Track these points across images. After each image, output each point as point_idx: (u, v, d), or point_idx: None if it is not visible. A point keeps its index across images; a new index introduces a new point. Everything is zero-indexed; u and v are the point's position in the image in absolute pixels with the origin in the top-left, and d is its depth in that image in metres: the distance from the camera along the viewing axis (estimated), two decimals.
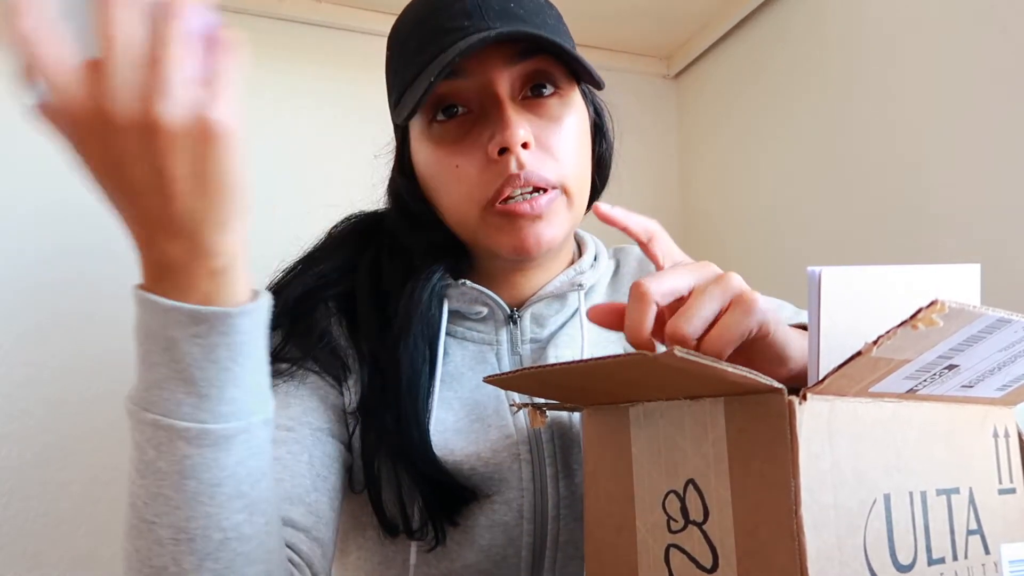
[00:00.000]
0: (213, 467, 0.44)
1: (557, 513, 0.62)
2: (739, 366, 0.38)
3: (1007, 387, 0.47)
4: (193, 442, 0.43)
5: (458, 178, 0.61)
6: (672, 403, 0.45)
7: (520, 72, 0.61)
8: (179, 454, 0.43)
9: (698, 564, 0.43)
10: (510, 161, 0.59)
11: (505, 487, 0.61)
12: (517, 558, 0.61)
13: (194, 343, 0.42)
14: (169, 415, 0.43)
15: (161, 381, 0.43)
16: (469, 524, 0.60)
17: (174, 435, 0.43)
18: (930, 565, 0.43)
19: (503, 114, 0.59)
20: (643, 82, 1.48)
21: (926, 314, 0.35)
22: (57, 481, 1.00)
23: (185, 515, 0.44)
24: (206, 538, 0.45)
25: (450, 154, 0.61)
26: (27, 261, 1.03)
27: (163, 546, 0.45)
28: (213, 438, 0.44)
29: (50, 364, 1.02)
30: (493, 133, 0.59)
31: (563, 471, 0.63)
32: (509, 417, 0.63)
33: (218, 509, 0.45)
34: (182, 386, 0.43)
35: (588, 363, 0.42)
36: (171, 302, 0.42)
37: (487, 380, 0.51)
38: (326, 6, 1.22)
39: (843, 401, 0.41)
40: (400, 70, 0.63)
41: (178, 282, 0.42)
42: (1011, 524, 0.49)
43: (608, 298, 0.73)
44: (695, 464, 0.44)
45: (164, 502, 0.44)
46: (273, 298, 0.64)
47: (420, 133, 0.63)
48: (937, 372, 0.42)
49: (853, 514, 0.40)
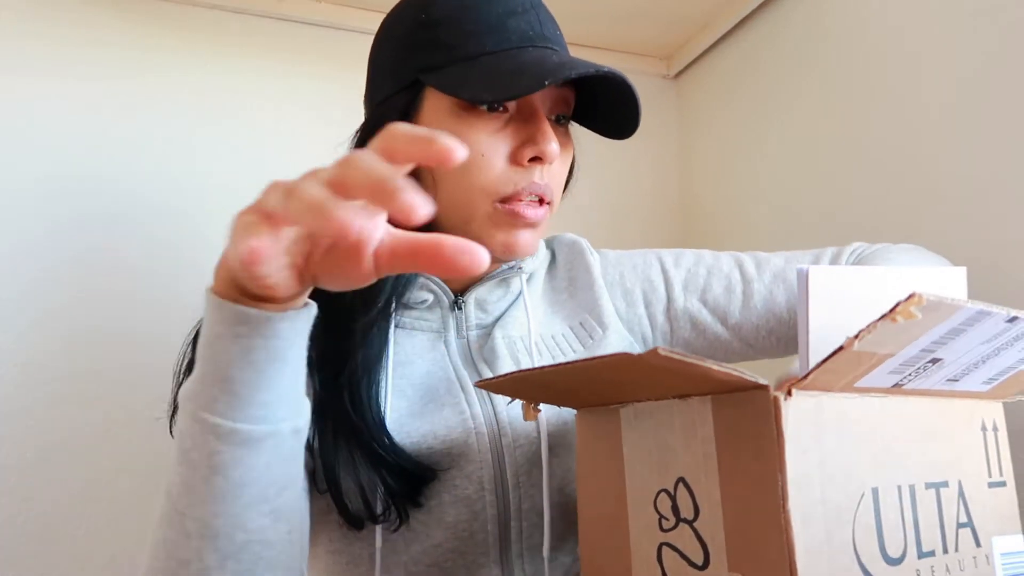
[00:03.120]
0: (240, 466, 0.45)
1: (517, 481, 0.64)
2: (724, 364, 0.39)
3: (993, 380, 0.48)
4: (222, 439, 0.45)
5: (480, 166, 0.62)
6: (661, 403, 0.46)
7: (556, 96, 0.65)
8: (209, 448, 0.45)
9: (690, 561, 0.43)
10: (535, 171, 0.63)
11: (464, 460, 0.62)
12: (484, 533, 0.62)
13: (236, 342, 0.43)
14: (204, 409, 0.45)
15: (203, 375, 0.45)
16: (433, 503, 0.62)
17: (206, 429, 0.45)
18: (920, 558, 0.44)
19: (544, 128, 0.62)
20: (643, 82, 1.48)
21: (904, 307, 0.36)
22: (57, 481, 1.00)
23: (211, 511, 0.46)
24: (229, 537, 0.46)
25: (478, 141, 0.62)
26: (27, 260, 1.03)
27: (189, 539, 0.46)
28: (241, 438, 0.45)
29: (50, 363, 1.02)
30: (526, 141, 0.62)
31: (520, 439, 0.64)
32: (461, 394, 0.65)
33: (242, 510, 0.46)
34: (219, 383, 0.44)
35: (575, 364, 0.42)
36: (222, 300, 0.43)
37: (478, 384, 0.52)
38: (326, 6, 1.23)
39: (829, 397, 0.42)
40: (450, 38, 0.63)
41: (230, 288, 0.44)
42: (1002, 517, 0.50)
43: (547, 285, 0.77)
44: (685, 463, 0.44)
45: (193, 494, 0.46)
46: None
47: (448, 110, 0.63)
48: (921, 366, 0.43)
49: (841, 508, 0.41)
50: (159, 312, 1.07)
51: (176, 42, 1.15)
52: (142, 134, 1.11)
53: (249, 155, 1.16)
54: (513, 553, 0.63)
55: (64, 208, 1.06)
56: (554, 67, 0.59)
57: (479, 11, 0.63)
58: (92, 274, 1.06)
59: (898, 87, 1.03)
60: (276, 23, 1.21)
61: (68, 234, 1.06)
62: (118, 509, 1.02)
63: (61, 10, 1.09)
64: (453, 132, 0.62)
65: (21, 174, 1.05)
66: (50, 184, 1.06)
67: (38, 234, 1.05)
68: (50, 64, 1.08)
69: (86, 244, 1.07)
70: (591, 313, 0.74)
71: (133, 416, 1.04)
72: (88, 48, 1.10)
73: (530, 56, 0.62)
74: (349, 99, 1.23)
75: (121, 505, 1.02)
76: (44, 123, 1.07)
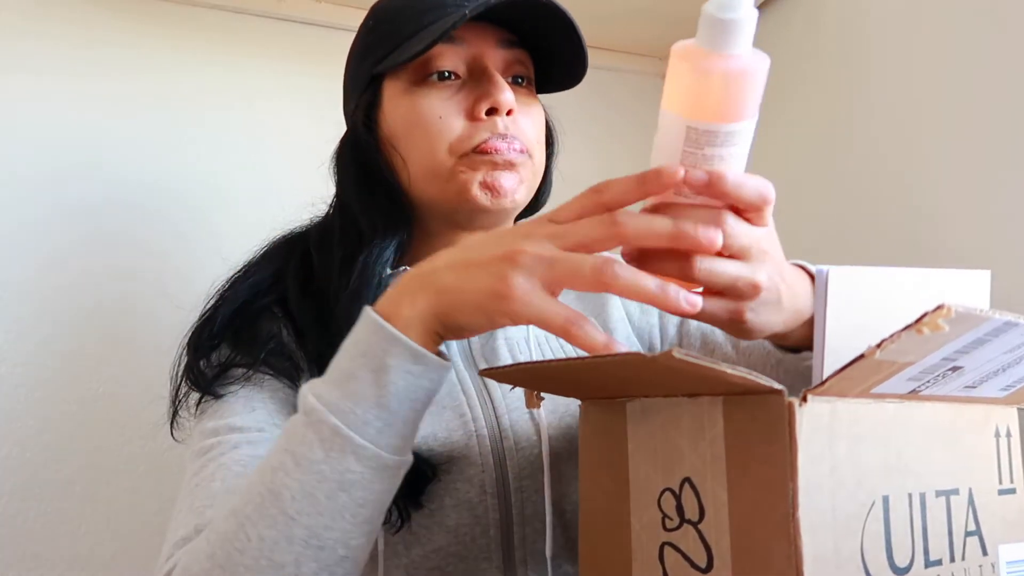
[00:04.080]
0: (367, 489, 0.47)
1: (520, 485, 0.63)
2: (738, 367, 0.37)
3: (1011, 387, 0.47)
4: (364, 461, 0.46)
5: (439, 129, 0.63)
6: (670, 400, 0.45)
7: (508, 57, 0.66)
8: (346, 465, 0.46)
9: (693, 563, 0.42)
10: (496, 122, 0.63)
11: (465, 464, 0.62)
12: (486, 537, 0.61)
13: (405, 377, 0.46)
14: (353, 428, 0.46)
15: (358, 396, 0.46)
16: (435, 507, 0.61)
17: (349, 448, 0.45)
18: (927, 567, 0.43)
19: (495, 79, 0.63)
20: (643, 82, 1.45)
21: (932, 318, 0.34)
22: (57, 481, 0.99)
23: (326, 523, 0.46)
24: (332, 551, 0.46)
25: (433, 107, 0.64)
26: (26, 260, 1.02)
27: (292, 544, 0.46)
28: (381, 464, 0.47)
29: (50, 364, 1.01)
30: (481, 95, 0.63)
31: (521, 443, 0.63)
32: (462, 397, 0.64)
33: (353, 528, 0.47)
34: (375, 409, 0.46)
35: (584, 360, 0.41)
36: (400, 335, 0.45)
37: (483, 373, 0.51)
38: (326, 6, 1.20)
39: (844, 402, 0.40)
40: (392, 30, 0.66)
41: (412, 324, 0.46)
42: (1010, 524, 0.49)
43: None
44: (692, 463, 0.43)
45: (313, 503, 0.46)
46: (211, 315, 0.66)
47: (402, 90, 0.66)
48: (941, 374, 0.41)
49: (851, 517, 0.40)
50: (160, 313, 1.06)
51: (176, 42, 1.12)
52: (142, 134, 1.09)
53: (249, 155, 1.14)
54: (516, 558, 0.62)
55: (64, 208, 1.04)
56: (464, 11, 0.60)
57: (416, 3, 0.65)
58: (92, 274, 1.05)
59: (897, 87, 1.01)
60: (276, 23, 1.19)
61: (69, 234, 1.04)
62: (118, 509, 1.02)
63: (61, 10, 1.06)
64: (410, 108, 0.65)
65: (21, 174, 1.03)
66: (50, 184, 1.04)
67: (38, 234, 1.03)
68: (50, 64, 1.05)
69: (86, 244, 1.05)
70: (597, 316, 0.73)
71: (133, 416, 1.03)
72: (88, 48, 1.07)
73: (459, 11, 0.61)
74: None
75: (121, 505, 1.02)
76: (44, 123, 1.04)
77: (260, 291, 0.67)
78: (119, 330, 1.05)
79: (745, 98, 0.43)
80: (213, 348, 0.64)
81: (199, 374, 0.63)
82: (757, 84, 0.43)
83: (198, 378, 0.62)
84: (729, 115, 0.43)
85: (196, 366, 0.63)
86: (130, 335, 1.05)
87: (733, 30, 0.41)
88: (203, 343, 0.64)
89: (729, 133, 0.43)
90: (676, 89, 0.44)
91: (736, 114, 0.43)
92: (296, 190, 1.08)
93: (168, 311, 1.04)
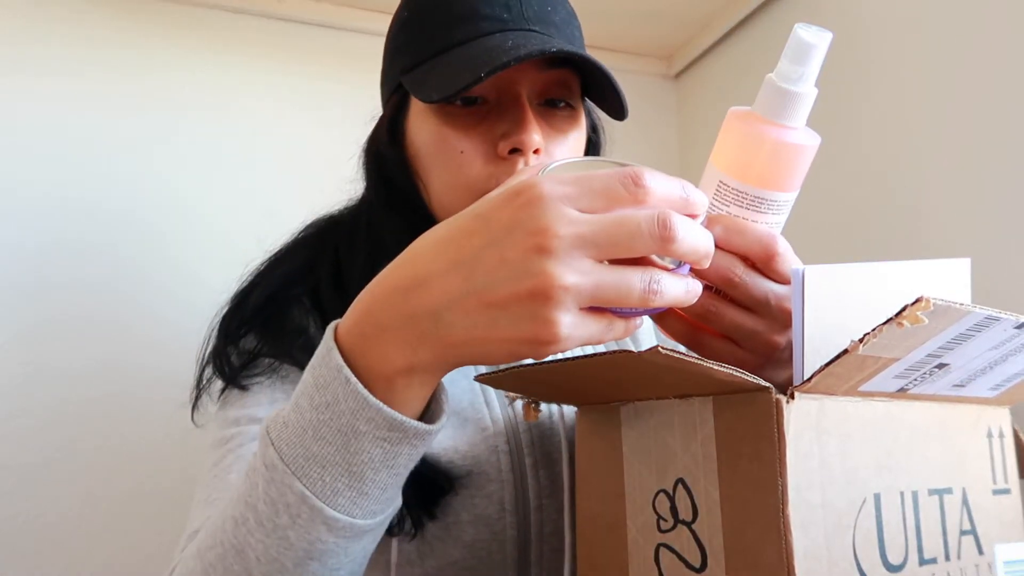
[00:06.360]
0: (341, 554, 0.42)
1: (540, 503, 0.61)
2: (726, 364, 0.38)
3: (1000, 386, 0.47)
4: (336, 532, 0.41)
5: (459, 164, 0.60)
6: (662, 402, 0.45)
7: (545, 80, 0.61)
8: (315, 536, 0.40)
9: (687, 564, 0.43)
10: (518, 163, 0.59)
11: (484, 480, 0.60)
12: (502, 553, 0.60)
13: (379, 445, 0.40)
14: (321, 497, 0.40)
15: (326, 462, 0.40)
16: (451, 520, 0.59)
17: (318, 518, 0.40)
18: (921, 565, 0.43)
19: (523, 116, 0.59)
20: (644, 82, 1.47)
21: (911, 311, 0.35)
22: (57, 481, 1.00)
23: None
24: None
25: (457, 139, 0.60)
26: (27, 260, 1.03)
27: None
28: (355, 531, 0.42)
29: (50, 364, 1.02)
30: (507, 132, 0.59)
31: (542, 461, 0.62)
32: (485, 410, 0.63)
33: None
34: (346, 478, 0.40)
35: (575, 361, 0.42)
36: (374, 399, 0.38)
37: (478, 378, 0.51)
38: (326, 6, 1.22)
39: (832, 400, 0.41)
40: (422, 37, 0.62)
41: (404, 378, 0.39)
42: (1006, 525, 0.49)
43: None
44: (684, 463, 0.43)
45: (279, 569, 0.41)
46: (242, 301, 0.65)
47: (426, 108, 0.62)
48: (927, 371, 0.42)
49: (842, 513, 0.40)
50: (162, 313, 1.07)
51: (176, 42, 1.14)
52: (142, 134, 1.11)
53: (249, 155, 1.16)
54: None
55: (65, 208, 1.06)
56: (500, 54, 0.55)
57: (451, 1, 0.61)
58: (92, 274, 1.06)
59: (896, 87, 1.02)
60: (276, 23, 1.21)
61: (69, 234, 1.06)
62: (117, 510, 1.02)
63: (61, 10, 1.09)
64: (433, 133, 0.61)
65: (21, 174, 1.05)
66: (50, 184, 1.06)
67: (39, 234, 1.04)
68: (50, 64, 1.07)
69: (88, 244, 1.07)
70: None
71: (133, 416, 1.04)
72: (88, 48, 1.10)
73: (493, 43, 0.57)
74: (349, 99, 1.23)
75: (120, 506, 1.02)
76: (44, 123, 1.06)
77: (292, 280, 0.66)
78: (119, 330, 1.06)
79: (792, 170, 0.44)
80: (242, 335, 0.63)
81: (226, 361, 0.62)
82: (805, 159, 0.44)
83: (224, 365, 0.62)
84: (775, 183, 0.44)
85: (224, 352, 0.63)
86: (131, 335, 1.06)
87: (792, 102, 0.43)
88: (232, 329, 0.64)
89: (772, 201, 0.45)
90: (726, 148, 0.45)
91: (781, 183, 0.44)
92: (296, 190, 1.10)
93: (173, 310, 1.06)
